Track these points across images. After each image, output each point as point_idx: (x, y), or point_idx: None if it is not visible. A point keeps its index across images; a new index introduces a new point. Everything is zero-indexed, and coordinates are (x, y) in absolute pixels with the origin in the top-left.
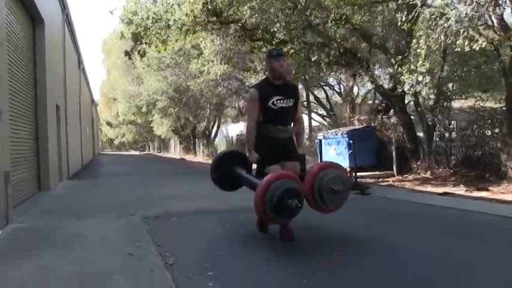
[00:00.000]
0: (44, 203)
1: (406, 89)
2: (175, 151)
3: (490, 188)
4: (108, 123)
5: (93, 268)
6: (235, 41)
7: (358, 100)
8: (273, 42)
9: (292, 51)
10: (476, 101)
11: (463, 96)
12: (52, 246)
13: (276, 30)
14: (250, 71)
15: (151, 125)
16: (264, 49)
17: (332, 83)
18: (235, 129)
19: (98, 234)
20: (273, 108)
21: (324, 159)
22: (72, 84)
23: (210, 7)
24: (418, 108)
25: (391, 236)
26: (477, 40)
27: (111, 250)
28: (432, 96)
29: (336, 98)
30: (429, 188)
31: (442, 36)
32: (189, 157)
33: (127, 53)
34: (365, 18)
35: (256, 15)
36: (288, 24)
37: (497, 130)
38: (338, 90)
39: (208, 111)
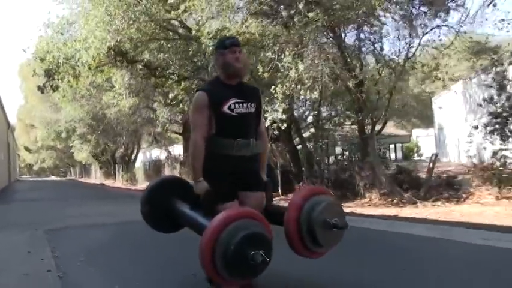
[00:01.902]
0: None
1: (268, 125)
2: (95, 176)
3: (347, 204)
4: (27, 149)
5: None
6: (142, 77)
7: None
8: (172, 78)
9: (188, 85)
10: (347, 132)
11: (342, 126)
12: None
13: (171, 70)
14: (160, 103)
15: (71, 150)
16: (168, 83)
17: None
18: (157, 153)
19: (3, 239)
20: (231, 115)
21: None
22: None
23: (116, 50)
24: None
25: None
26: (316, 89)
27: (14, 250)
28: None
29: None
30: None
31: (293, 84)
32: (109, 182)
33: (40, 88)
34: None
35: (154, 57)
36: (180, 66)
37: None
38: None
39: (124, 138)
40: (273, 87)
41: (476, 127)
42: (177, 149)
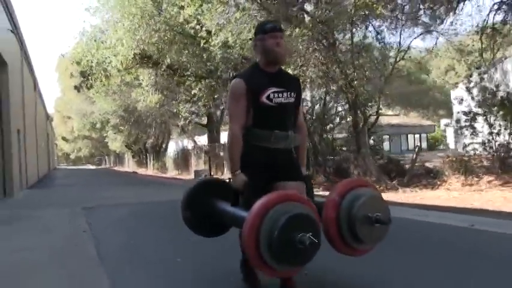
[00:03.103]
0: (11, 202)
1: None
2: (128, 165)
3: None
4: (64, 138)
5: (48, 226)
6: (165, 77)
7: None
8: (190, 79)
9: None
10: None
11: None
12: (20, 220)
13: (189, 72)
14: (181, 100)
15: (105, 140)
16: (188, 82)
17: None
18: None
19: (50, 214)
20: (269, 105)
21: None
22: (29, 108)
23: (141, 54)
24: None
25: None
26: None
27: (59, 220)
28: None
29: None
30: None
31: None
32: (141, 170)
33: (76, 87)
34: None
35: (175, 60)
36: (197, 68)
37: None
38: None
39: (154, 129)
40: None
41: (447, 124)
42: (204, 139)
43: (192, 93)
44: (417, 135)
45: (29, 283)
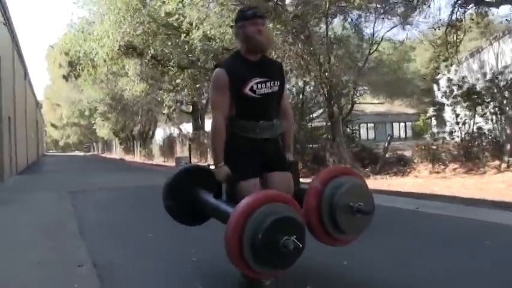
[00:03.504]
0: (2, 187)
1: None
2: (116, 152)
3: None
4: (53, 125)
5: (37, 207)
6: (150, 67)
7: None
8: (174, 68)
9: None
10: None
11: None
12: (10, 203)
13: (172, 63)
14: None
15: (94, 127)
16: (171, 72)
17: None
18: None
19: (39, 197)
20: (253, 97)
21: None
22: (20, 96)
23: (126, 45)
24: None
25: None
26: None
27: (47, 202)
28: None
29: None
30: None
31: None
32: (128, 157)
33: (64, 77)
34: None
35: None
36: (179, 59)
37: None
38: None
39: (140, 116)
40: None
41: (414, 114)
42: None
43: (175, 82)
44: (402, 124)
45: (21, 253)
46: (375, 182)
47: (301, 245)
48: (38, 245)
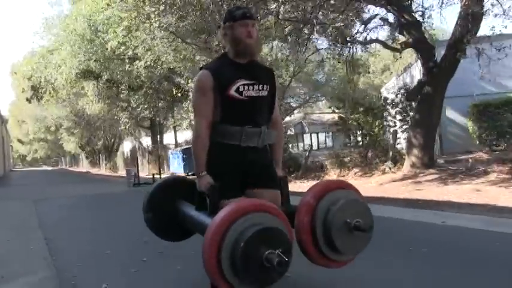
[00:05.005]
0: None
1: None
2: (83, 165)
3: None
4: (20, 141)
5: (2, 212)
6: (106, 88)
7: None
8: (125, 91)
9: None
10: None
11: None
12: None
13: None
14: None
15: (60, 141)
16: (124, 94)
17: None
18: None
19: (5, 205)
20: (239, 99)
21: (171, 169)
22: None
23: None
24: None
25: None
26: None
27: (13, 209)
28: None
29: None
30: None
31: None
32: (94, 170)
33: (27, 99)
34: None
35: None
36: (129, 83)
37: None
38: None
39: (102, 131)
40: None
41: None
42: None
43: (128, 103)
44: (359, 131)
45: None
46: (294, 186)
47: (286, 259)
48: (6, 233)
